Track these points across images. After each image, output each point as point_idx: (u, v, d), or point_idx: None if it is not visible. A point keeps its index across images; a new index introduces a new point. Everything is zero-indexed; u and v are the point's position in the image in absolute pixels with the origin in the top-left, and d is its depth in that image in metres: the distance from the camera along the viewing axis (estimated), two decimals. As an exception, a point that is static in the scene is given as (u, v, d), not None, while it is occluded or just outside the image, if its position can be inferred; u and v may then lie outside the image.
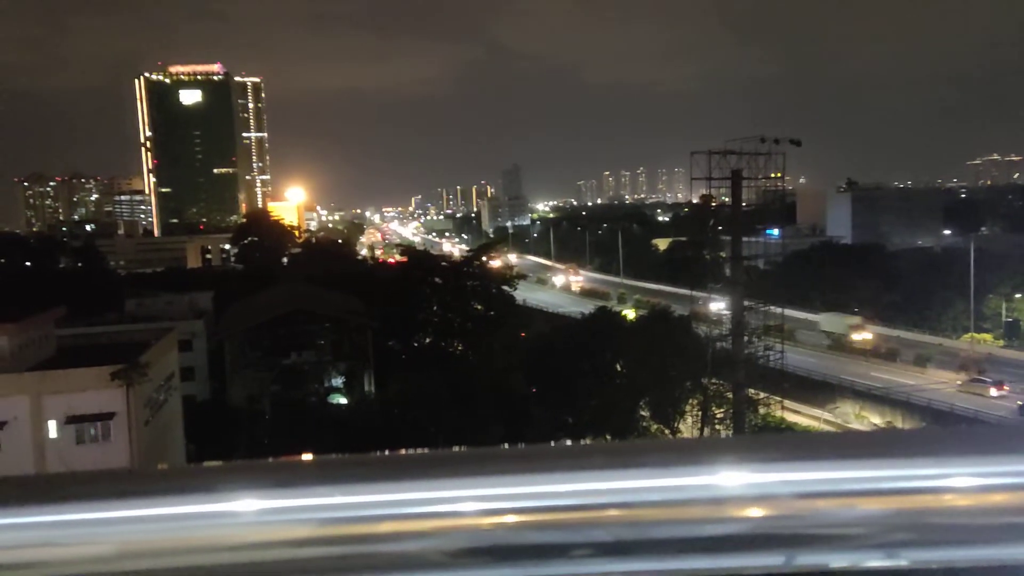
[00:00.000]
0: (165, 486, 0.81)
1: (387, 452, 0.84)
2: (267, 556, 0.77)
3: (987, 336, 72.16)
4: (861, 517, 0.77)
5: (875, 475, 0.77)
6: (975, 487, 0.77)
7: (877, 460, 0.78)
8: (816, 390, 60.96)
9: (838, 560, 0.79)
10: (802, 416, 58.60)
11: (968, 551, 0.78)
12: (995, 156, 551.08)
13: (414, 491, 0.78)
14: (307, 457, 0.85)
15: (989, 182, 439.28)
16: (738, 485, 0.77)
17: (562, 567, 0.79)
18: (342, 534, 0.78)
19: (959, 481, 0.77)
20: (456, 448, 0.85)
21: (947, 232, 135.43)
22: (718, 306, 59.89)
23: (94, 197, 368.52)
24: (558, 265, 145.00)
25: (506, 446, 0.84)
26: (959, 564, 0.79)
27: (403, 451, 0.84)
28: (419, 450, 0.85)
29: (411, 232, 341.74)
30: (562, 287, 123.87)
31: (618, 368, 56.60)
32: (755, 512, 0.77)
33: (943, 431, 0.83)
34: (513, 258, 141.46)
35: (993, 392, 55.20)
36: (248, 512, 0.77)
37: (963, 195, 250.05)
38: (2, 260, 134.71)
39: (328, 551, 0.78)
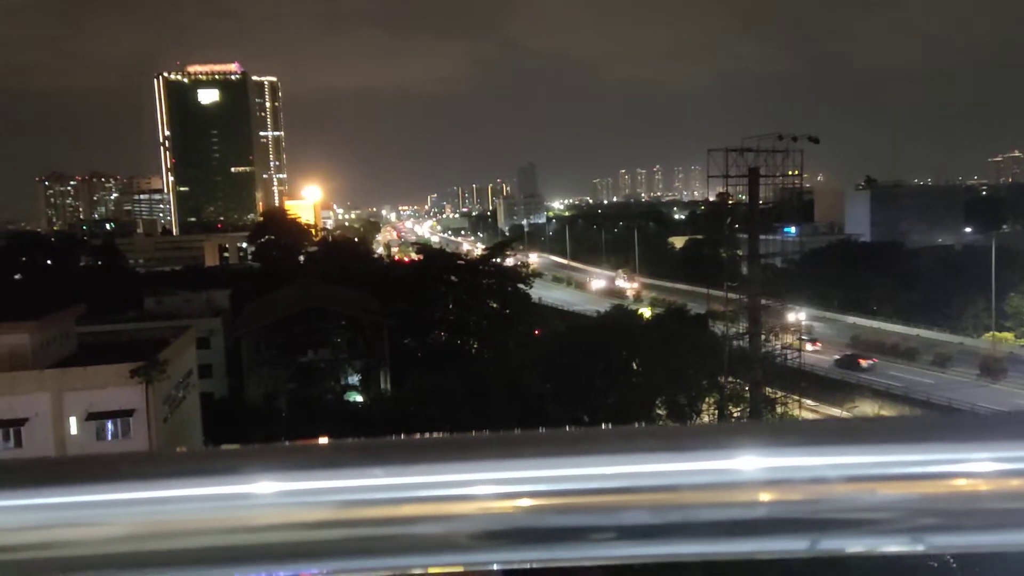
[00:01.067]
0: (184, 468, 0.81)
1: (404, 436, 0.84)
2: (285, 538, 0.78)
3: (1008, 335, 71.23)
4: (881, 502, 0.77)
5: (895, 460, 0.77)
6: (995, 472, 0.77)
7: (897, 445, 0.78)
8: (834, 389, 60.47)
9: (858, 544, 0.79)
10: (820, 415, 58.23)
11: (988, 536, 0.78)
12: (1016, 153, 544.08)
13: (432, 474, 0.78)
14: (324, 440, 0.85)
15: (1010, 179, 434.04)
16: (758, 469, 0.77)
17: (581, 551, 0.79)
18: (360, 517, 0.78)
19: (979, 466, 0.77)
20: (471, 433, 0.84)
21: (968, 230, 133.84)
22: (800, 317, 59.06)
23: (113, 196, 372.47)
24: (592, 268, 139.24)
25: (523, 430, 0.84)
26: (979, 549, 0.79)
27: (421, 435, 0.85)
28: (432, 435, 0.85)
29: (427, 230, 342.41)
30: (577, 286, 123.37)
31: (634, 366, 56.42)
32: (775, 496, 0.77)
33: (962, 416, 0.84)
34: (534, 257, 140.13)
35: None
36: (266, 494, 0.77)
37: (984, 192, 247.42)
38: (24, 259, 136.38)
39: (345, 534, 0.78)
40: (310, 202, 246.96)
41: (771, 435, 0.80)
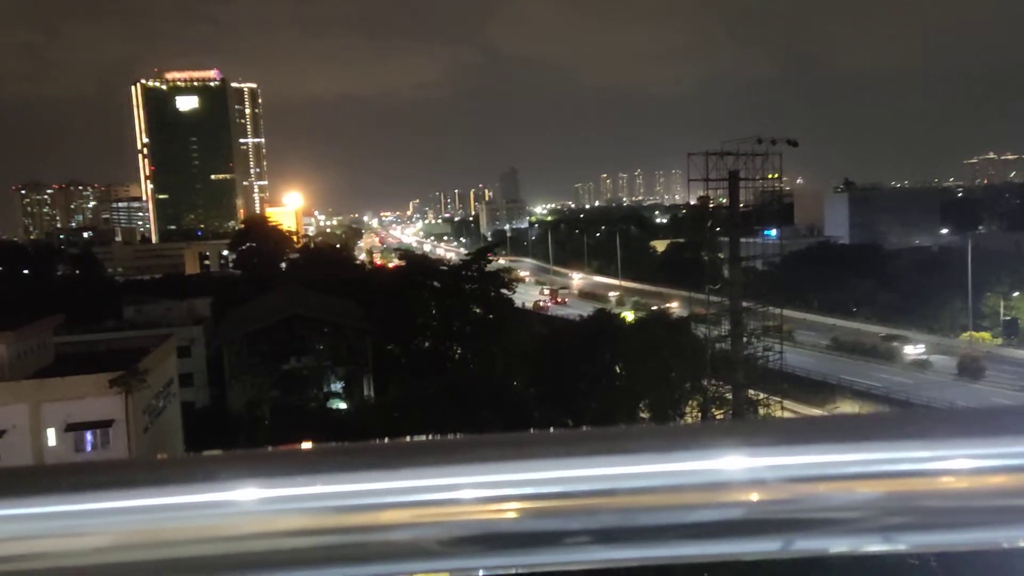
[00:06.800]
0: (163, 475, 0.79)
1: (384, 440, 0.83)
2: (264, 546, 0.76)
3: (986, 335, 72.17)
4: (858, 501, 0.76)
5: (872, 458, 0.77)
6: (972, 469, 0.76)
7: (874, 443, 0.78)
8: (815, 390, 60.98)
9: (835, 544, 0.78)
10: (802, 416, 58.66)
11: (966, 534, 0.78)
12: (991, 155, 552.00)
13: (410, 479, 0.77)
14: (302, 446, 0.84)
15: (986, 181, 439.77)
16: (735, 470, 0.76)
17: (559, 555, 0.78)
18: (341, 524, 0.76)
19: (956, 464, 0.76)
20: (452, 436, 0.84)
21: (944, 231, 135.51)
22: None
23: (91, 204, 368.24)
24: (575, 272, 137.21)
25: (503, 433, 0.83)
26: (959, 547, 0.79)
27: (399, 439, 0.83)
28: (414, 438, 0.83)
29: (412, 237, 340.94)
30: (562, 288, 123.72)
31: (617, 370, 56.56)
32: (752, 497, 0.76)
33: (940, 414, 0.83)
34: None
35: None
36: (248, 501, 0.76)
37: (960, 194, 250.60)
38: (0, 268, 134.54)
39: (326, 541, 0.77)
40: (291, 209, 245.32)
41: (749, 434, 0.80)
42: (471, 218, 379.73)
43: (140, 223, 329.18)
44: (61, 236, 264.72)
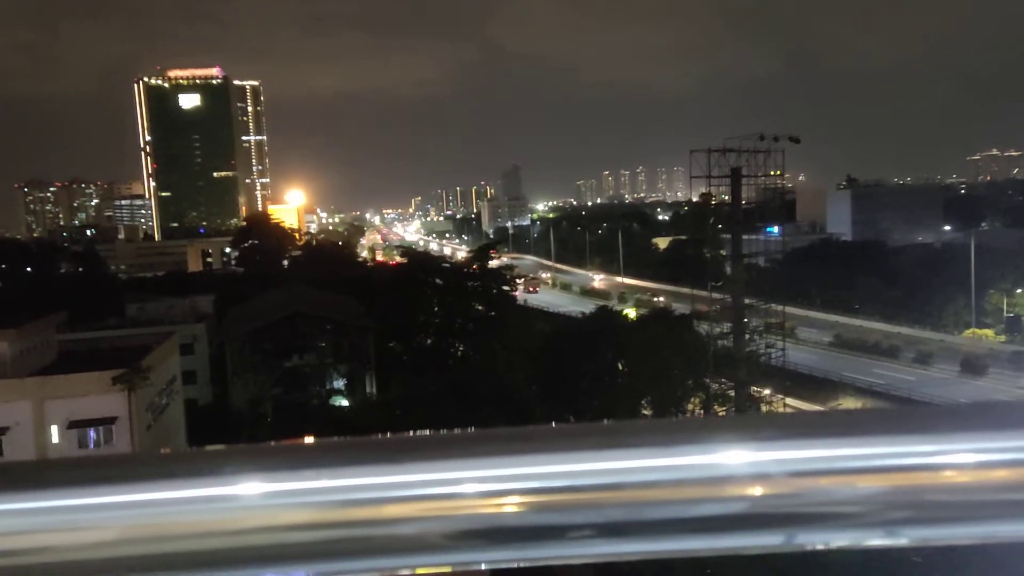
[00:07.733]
0: (166, 470, 0.80)
1: (387, 435, 0.83)
2: (268, 540, 0.76)
3: (989, 332, 72.09)
4: (860, 495, 0.77)
5: (874, 452, 0.77)
6: (974, 464, 0.76)
7: (876, 438, 0.78)
8: (818, 387, 60.93)
9: (838, 539, 0.79)
10: (804, 414, 58.55)
11: (967, 528, 0.78)
12: (994, 151, 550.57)
13: (414, 473, 0.77)
14: (305, 440, 0.84)
15: (989, 177, 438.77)
16: (737, 464, 0.77)
17: (563, 548, 0.78)
18: (345, 518, 0.77)
19: (958, 458, 0.76)
20: (456, 430, 0.83)
21: (947, 228, 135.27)
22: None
23: (94, 202, 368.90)
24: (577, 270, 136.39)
25: (506, 427, 0.83)
26: (960, 541, 0.79)
27: (402, 434, 0.83)
28: (417, 432, 0.83)
29: (416, 234, 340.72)
30: (562, 286, 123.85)
31: (620, 367, 56.55)
32: (754, 491, 0.76)
33: (942, 408, 0.83)
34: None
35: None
36: (248, 496, 0.76)
37: (963, 191, 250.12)
38: (3, 266, 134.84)
39: (330, 535, 0.77)
40: (293, 206, 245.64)
41: (753, 429, 0.80)
42: (473, 215, 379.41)
43: (143, 220, 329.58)
44: (64, 234, 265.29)
